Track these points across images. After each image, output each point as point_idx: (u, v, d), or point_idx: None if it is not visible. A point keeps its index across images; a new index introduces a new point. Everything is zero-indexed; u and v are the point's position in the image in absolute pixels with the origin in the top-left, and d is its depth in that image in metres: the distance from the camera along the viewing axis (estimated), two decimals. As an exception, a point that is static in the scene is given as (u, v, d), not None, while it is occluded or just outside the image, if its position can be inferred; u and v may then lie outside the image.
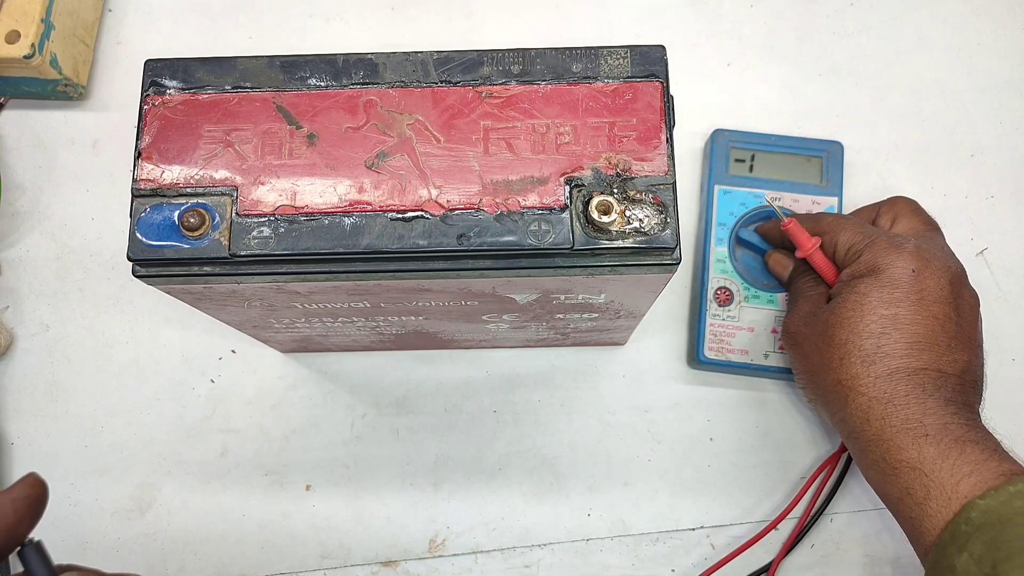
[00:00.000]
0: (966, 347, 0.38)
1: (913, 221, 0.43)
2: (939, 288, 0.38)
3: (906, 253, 0.38)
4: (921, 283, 0.38)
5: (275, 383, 0.49)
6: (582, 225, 0.28)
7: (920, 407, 0.36)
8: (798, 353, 0.42)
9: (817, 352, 0.40)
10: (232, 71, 0.30)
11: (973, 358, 0.39)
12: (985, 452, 0.34)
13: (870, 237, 0.40)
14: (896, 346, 0.37)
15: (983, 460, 0.34)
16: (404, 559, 0.46)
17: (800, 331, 0.42)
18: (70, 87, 0.52)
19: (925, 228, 0.42)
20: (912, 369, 0.37)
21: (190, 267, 0.29)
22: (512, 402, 0.49)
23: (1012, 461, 0.34)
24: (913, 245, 0.39)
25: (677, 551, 0.46)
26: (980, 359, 0.40)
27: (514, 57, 0.30)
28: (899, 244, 0.39)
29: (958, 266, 0.40)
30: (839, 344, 0.39)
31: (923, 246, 0.39)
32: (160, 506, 0.47)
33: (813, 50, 0.54)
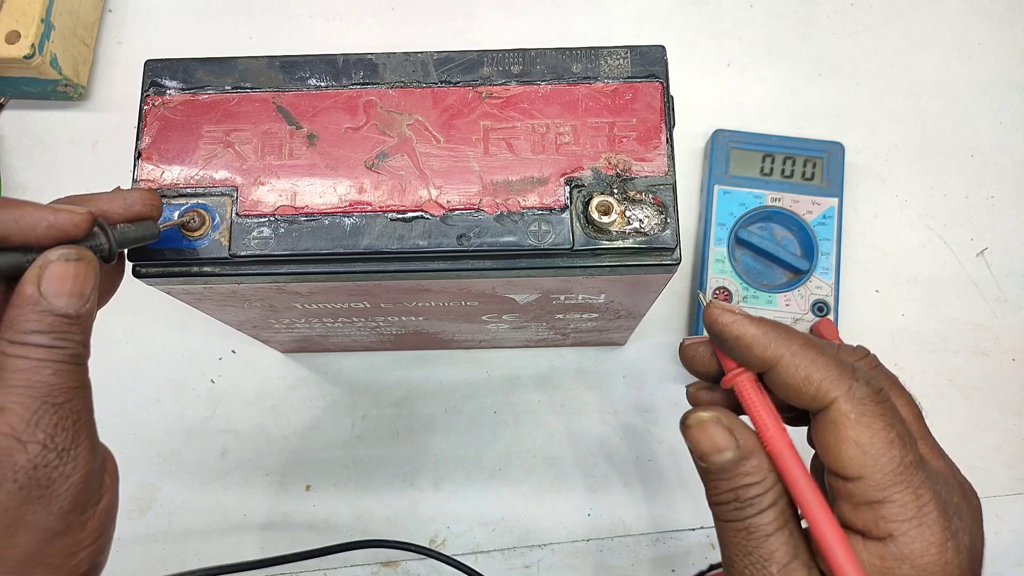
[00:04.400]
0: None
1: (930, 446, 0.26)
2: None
3: (953, 549, 0.24)
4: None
5: (275, 383, 0.49)
6: (582, 225, 0.28)
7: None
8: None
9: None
10: (232, 71, 0.30)
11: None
12: None
13: (913, 486, 0.24)
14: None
15: None
16: (404, 559, 0.46)
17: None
18: (70, 87, 0.52)
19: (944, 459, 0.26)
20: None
21: (190, 267, 0.29)
22: (512, 402, 0.49)
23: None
24: (969, 539, 0.24)
25: (677, 551, 0.46)
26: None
27: (514, 57, 0.30)
28: (951, 528, 0.24)
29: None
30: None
31: (975, 536, 0.25)
32: (160, 506, 0.47)
33: (813, 50, 0.54)
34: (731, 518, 0.25)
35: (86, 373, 0.25)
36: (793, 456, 0.25)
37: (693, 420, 0.26)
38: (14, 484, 0.23)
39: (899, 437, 0.24)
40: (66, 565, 0.24)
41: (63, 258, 0.24)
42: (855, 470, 0.23)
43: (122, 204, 0.27)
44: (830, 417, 0.24)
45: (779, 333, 0.25)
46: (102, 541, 0.26)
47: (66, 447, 0.24)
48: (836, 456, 0.24)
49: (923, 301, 0.49)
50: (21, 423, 0.23)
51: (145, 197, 0.27)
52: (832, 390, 0.24)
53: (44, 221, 0.24)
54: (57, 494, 0.23)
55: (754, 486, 0.25)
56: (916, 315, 0.49)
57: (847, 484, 0.24)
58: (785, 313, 0.47)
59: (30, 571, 0.23)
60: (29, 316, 0.24)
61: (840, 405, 0.24)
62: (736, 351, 0.26)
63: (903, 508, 0.23)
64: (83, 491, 0.24)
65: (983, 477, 0.46)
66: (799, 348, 0.25)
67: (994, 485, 0.47)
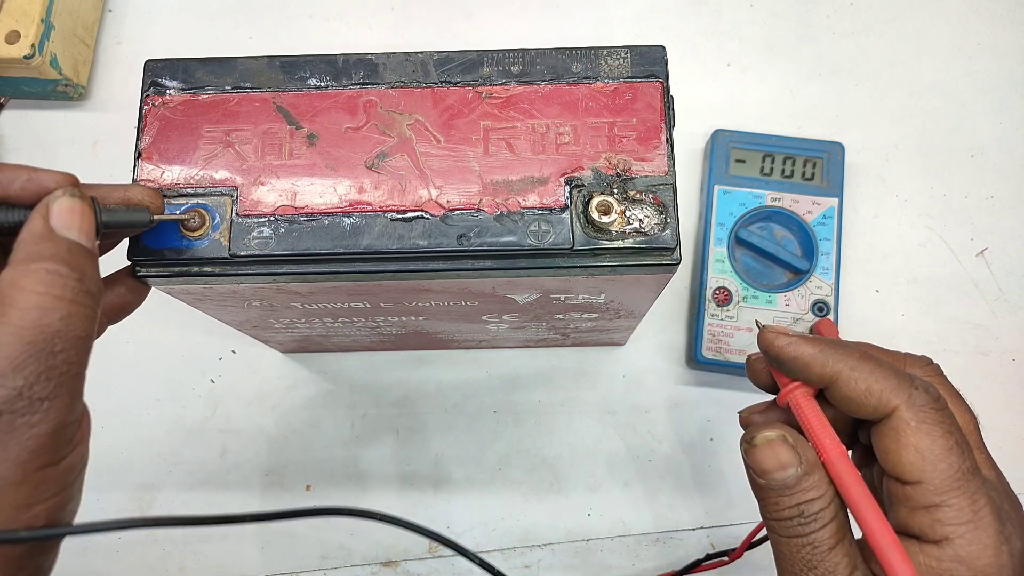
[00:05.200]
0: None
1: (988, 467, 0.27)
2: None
3: (1007, 553, 0.24)
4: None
5: (275, 383, 0.49)
6: (582, 225, 0.28)
7: None
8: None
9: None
10: (232, 71, 0.30)
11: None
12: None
13: (969, 492, 0.24)
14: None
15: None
16: (404, 559, 0.46)
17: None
18: (70, 87, 0.52)
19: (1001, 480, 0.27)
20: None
21: (190, 267, 0.29)
22: (512, 402, 0.49)
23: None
24: (1020, 545, 0.25)
25: (677, 551, 0.46)
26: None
27: (514, 57, 0.30)
28: (1005, 532, 0.24)
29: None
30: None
31: (1016, 539, 0.25)
32: (160, 506, 0.47)
33: (813, 50, 0.54)
34: (794, 534, 0.26)
35: (94, 323, 0.24)
36: (849, 466, 0.26)
37: (760, 440, 0.27)
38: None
39: (957, 444, 0.25)
40: (19, 517, 0.23)
41: (67, 193, 0.24)
42: (915, 475, 0.24)
43: (122, 194, 0.27)
44: (891, 424, 0.25)
45: (835, 350, 0.26)
46: (64, 496, 0.25)
47: (41, 397, 0.23)
48: (896, 461, 0.25)
49: (923, 301, 0.49)
50: (4, 364, 0.22)
51: (146, 191, 0.28)
52: (893, 399, 0.25)
53: (24, 175, 0.24)
54: (17, 442, 0.23)
55: (817, 501, 0.26)
56: (916, 315, 0.49)
57: (905, 488, 0.25)
58: (785, 313, 0.47)
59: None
60: (43, 244, 0.23)
61: (901, 413, 0.25)
62: (795, 371, 0.27)
63: (960, 512, 0.24)
64: (48, 444, 0.23)
65: (983, 477, 0.46)
66: (856, 362, 0.26)
67: (994, 485, 0.47)
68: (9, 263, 0.23)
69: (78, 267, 0.24)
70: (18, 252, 0.23)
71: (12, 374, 0.22)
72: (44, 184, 0.25)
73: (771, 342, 0.27)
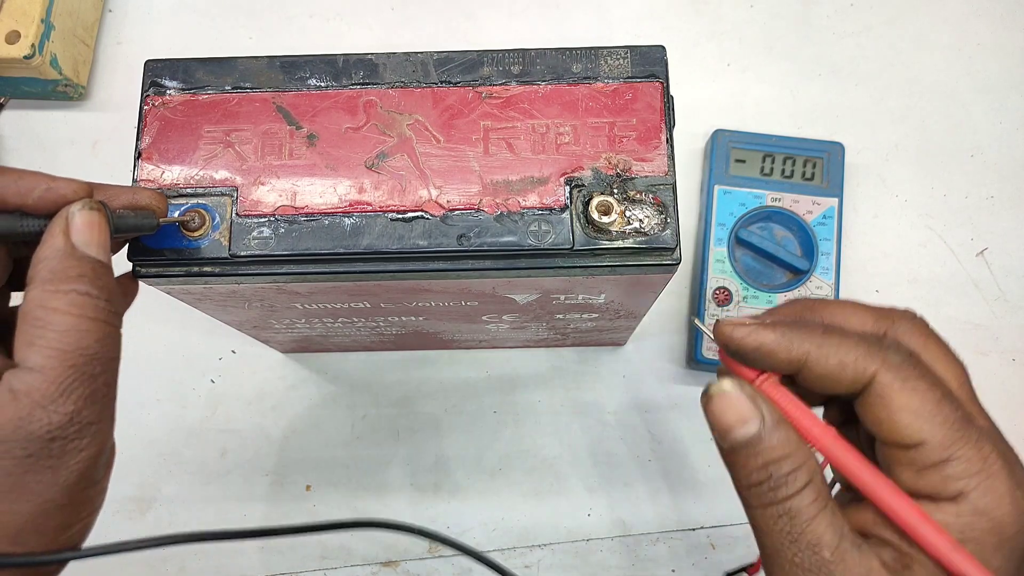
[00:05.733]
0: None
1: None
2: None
3: (1022, 497, 0.23)
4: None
5: (275, 383, 0.49)
6: (582, 225, 0.28)
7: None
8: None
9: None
10: (232, 71, 0.30)
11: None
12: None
13: (972, 439, 0.23)
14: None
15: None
16: (404, 559, 0.46)
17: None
18: (70, 87, 0.52)
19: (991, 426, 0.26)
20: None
21: (190, 267, 0.29)
22: (512, 402, 0.49)
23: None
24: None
25: (677, 551, 0.46)
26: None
27: (514, 57, 0.30)
28: (1016, 477, 0.23)
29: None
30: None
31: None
32: (160, 506, 0.47)
33: (813, 50, 0.54)
34: (768, 501, 0.24)
35: (121, 341, 0.25)
36: (847, 446, 0.24)
37: (715, 389, 0.25)
38: (22, 451, 0.22)
39: (945, 395, 0.23)
40: (60, 537, 0.24)
41: (86, 206, 0.24)
42: (914, 436, 0.23)
43: (129, 197, 0.27)
44: (875, 392, 0.23)
45: (797, 330, 0.24)
46: (95, 516, 0.26)
47: (91, 421, 0.23)
48: (891, 428, 0.23)
49: (923, 301, 0.49)
50: (52, 388, 0.22)
51: (153, 195, 0.28)
52: (869, 365, 0.23)
53: (43, 185, 0.24)
54: (67, 467, 0.23)
55: (786, 460, 0.24)
56: (916, 315, 0.49)
57: (908, 452, 0.23)
58: (785, 313, 0.47)
59: (26, 540, 0.23)
60: (68, 263, 0.23)
61: (881, 377, 0.23)
62: (761, 361, 0.25)
63: (969, 463, 0.23)
64: (92, 467, 0.24)
65: (983, 477, 0.46)
66: (822, 338, 0.24)
67: (994, 485, 0.47)
68: (33, 281, 0.23)
69: (105, 288, 0.24)
70: (42, 270, 0.23)
71: (62, 399, 0.22)
72: (62, 194, 0.25)
73: (729, 335, 0.25)
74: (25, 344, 0.23)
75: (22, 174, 0.24)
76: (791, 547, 0.23)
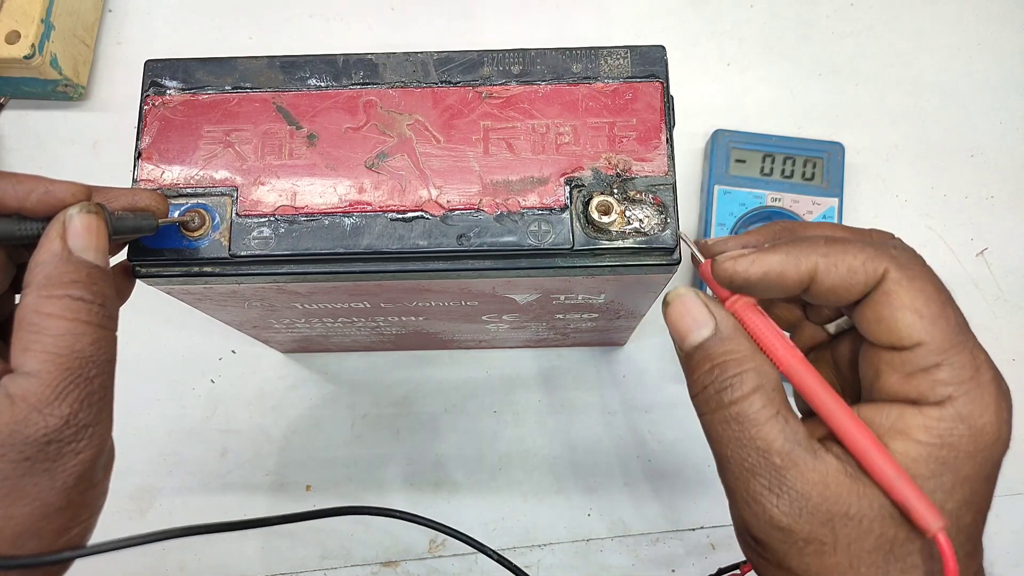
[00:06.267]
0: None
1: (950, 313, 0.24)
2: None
3: (1006, 410, 0.23)
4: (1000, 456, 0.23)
5: (275, 383, 0.49)
6: (582, 225, 0.28)
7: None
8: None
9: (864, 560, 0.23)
10: (232, 71, 0.30)
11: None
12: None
13: (968, 347, 0.23)
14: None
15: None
16: (404, 559, 0.46)
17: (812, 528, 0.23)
18: (70, 87, 0.52)
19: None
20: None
21: (190, 267, 0.29)
22: (512, 402, 0.49)
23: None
24: (1007, 393, 0.24)
25: (677, 551, 0.46)
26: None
27: (514, 57, 0.30)
28: (1002, 389, 0.24)
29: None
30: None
31: (1010, 398, 0.24)
32: (160, 506, 0.47)
33: (813, 50, 0.54)
34: (716, 405, 0.24)
35: (116, 344, 0.25)
36: (805, 363, 0.24)
37: (672, 295, 0.25)
38: (19, 455, 0.22)
39: (949, 299, 0.23)
40: (59, 540, 0.24)
41: (83, 210, 0.24)
42: (914, 336, 0.22)
43: (129, 199, 0.27)
44: (883, 289, 0.23)
45: (800, 246, 0.24)
46: (95, 519, 0.26)
47: (87, 424, 0.23)
48: (891, 327, 0.23)
49: (923, 301, 0.49)
50: (48, 392, 0.22)
51: (152, 196, 0.28)
52: (879, 265, 0.23)
53: (41, 187, 0.24)
54: (64, 469, 0.23)
55: (732, 364, 0.24)
56: (916, 315, 0.49)
57: (901, 355, 0.23)
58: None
59: (25, 544, 0.23)
60: (64, 268, 0.23)
61: (892, 274, 0.23)
62: (769, 288, 0.24)
63: (961, 370, 0.22)
64: (90, 469, 0.24)
65: (983, 477, 0.46)
66: (827, 248, 0.23)
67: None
68: (29, 286, 0.23)
69: (100, 292, 0.24)
70: (37, 275, 0.23)
71: (58, 402, 0.22)
72: (60, 197, 0.25)
73: (733, 270, 0.24)
74: (21, 349, 0.23)
75: (20, 178, 0.24)
76: (741, 452, 0.23)
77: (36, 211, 0.25)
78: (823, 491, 0.22)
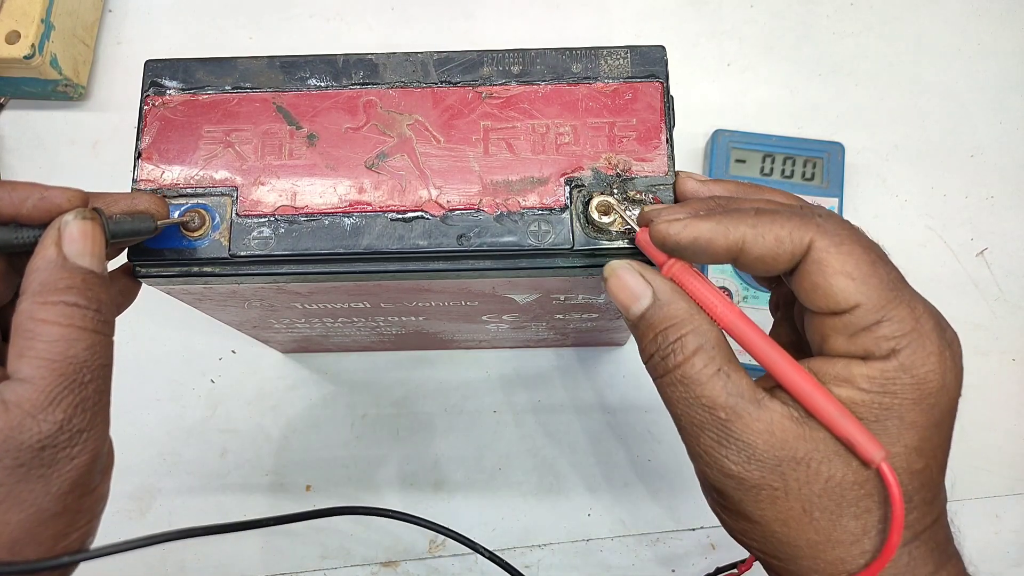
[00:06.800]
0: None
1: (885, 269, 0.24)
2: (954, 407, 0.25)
3: (950, 358, 0.24)
4: (954, 409, 0.24)
5: (275, 383, 0.49)
6: (582, 225, 0.28)
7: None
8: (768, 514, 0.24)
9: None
10: (232, 71, 0.30)
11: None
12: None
13: (905, 300, 0.24)
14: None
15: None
16: (404, 559, 0.46)
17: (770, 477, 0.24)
18: (70, 87, 0.52)
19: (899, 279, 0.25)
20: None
21: (190, 267, 0.29)
22: (512, 402, 0.49)
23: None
24: (960, 351, 0.24)
25: (677, 551, 0.46)
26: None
27: (514, 57, 0.30)
28: (946, 338, 0.24)
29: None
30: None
31: (956, 345, 0.24)
32: (160, 506, 0.47)
33: (813, 50, 0.54)
34: (663, 370, 0.25)
35: (112, 348, 0.25)
36: (744, 318, 0.25)
37: (607, 270, 0.27)
38: (14, 461, 0.22)
39: (880, 257, 0.24)
40: (57, 546, 0.24)
41: (79, 216, 0.24)
42: (850, 300, 0.23)
43: (127, 203, 0.27)
44: (812, 258, 0.24)
45: (730, 216, 0.24)
46: (95, 523, 0.26)
47: (81, 428, 0.23)
48: (826, 293, 0.23)
49: (923, 301, 0.49)
50: (42, 398, 0.22)
51: (151, 199, 0.28)
52: (805, 235, 0.24)
53: (36, 194, 0.24)
54: (59, 475, 0.23)
55: (671, 328, 0.25)
56: (916, 315, 0.49)
57: (842, 318, 0.24)
58: (785, 313, 0.47)
59: (22, 550, 0.23)
60: (59, 275, 0.23)
61: (817, 243, 0.23)
62: (699, 254, 0.25)
63: (901, 323, 0.23)
64: (86, 474, 0.24)
65: (983, 477, 0.46)
66: (755, 219, 0.24)
67: (994, 485, 0.47)
68: (25, 293, 0.23)
69: (95, 298, 0.24)
70: (33, 282, 0.23)
71: (51, 408, 0.22)
72: (55, 203, 0.25)
73: (665, 232, 0.25)
74: (16, 356, 0.23)
75: (16, 185, 0.25)
76: (689, 411, 0.24)
77: (33, 218, 0.25)
78: (768, 439, 0.23)
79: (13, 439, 0.22)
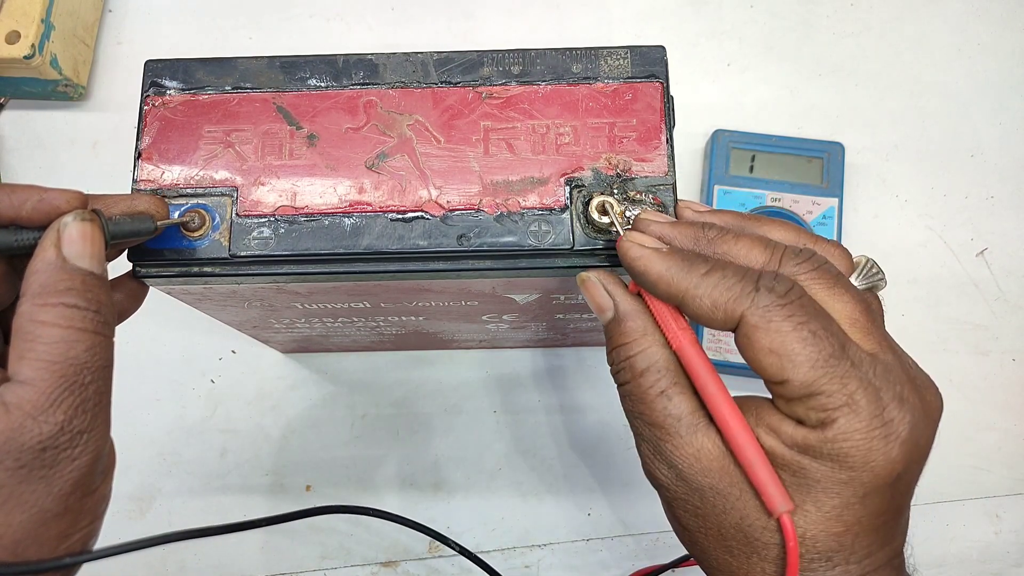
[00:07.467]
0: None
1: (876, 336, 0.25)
2: (913, 478, 0.25)
3: (897, 446, 0.23)
4: (898, 484, 0.24)
5: (275, 383, 0.49)
6: (582, 225, 0.29)
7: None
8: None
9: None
10: (232, 72, 0.30)
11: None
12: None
13: (838, 375, 0.23)
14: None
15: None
16: (404, 559, 0.46)
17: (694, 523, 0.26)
18: (70, 87, 0.52)
19: (887, 344, 0.25)
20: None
21: (190, 267, 0.29)
22: (512, 402, 0.49)
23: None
24: (908, 431, 0.24)
25: (677, 551, 0.46)
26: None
27: (514, 57, 0.30)
28: (884, 416, 0.23)
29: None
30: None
31: (918, 430, 0.24)
32: (160, 506, 0.47)
33: (813, 50, 0.54)
34: (617, 381, 0.27)
35: (113, 350, 0.25)
36: (695, 347, 0.26)
37: (578, 280, 0.29)
38: (15, 463, 0.22)
39: (813, 333, 0.24)
40: (60, 547, 0.24)
41: (78, 217, 0.24)
42: (777, 375, 0.24)
43: (127, 204, 0.27)
44: (743, 332, 0.24)
45: (683, 266, 0.25)
46: (97, 524, 0.26)
47: (81, 430, 0.23)
48: (758, 366, 0.24)
49: (923, 301, 0.49)
50: (42, 399, 0.22)
51: (151, 200, 0.28)
52: (737, 308, 0.24)
53: (35, 196, 0.24)
54: (60, 476, 0.23)
55: (626, 346, 0.26)
56: (916, 315, 0.49)
57: (777, 387, 0.24)
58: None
59: (24, 551, 0.23)
60: (58, 276, 0.23)
61: (748, 318, 0.24)
62: (646, 287, 0.26)
63: (831, 398, 0.23)
64: (87, 475, 0.24)
65: (983, 477, 0.46)
66: (701, 278, 0.25)
67: (994, 485, 0.47)
68: (25, 295, 0.23)
69: (95, 299, 0.24)
70: (32, 284, 0.23)
71: (52, 409, 0.22)
72: (54, 205, 0.25)
73: (625, 252, 0.26)
74: (16, 358, 0.23)
75: (15, 188, 0.25)
76: (634, 421, 0.27)
77: (32, 220, 0.25)
78: (694, 464, 0.25)
79: (14, 441, 0.22)
